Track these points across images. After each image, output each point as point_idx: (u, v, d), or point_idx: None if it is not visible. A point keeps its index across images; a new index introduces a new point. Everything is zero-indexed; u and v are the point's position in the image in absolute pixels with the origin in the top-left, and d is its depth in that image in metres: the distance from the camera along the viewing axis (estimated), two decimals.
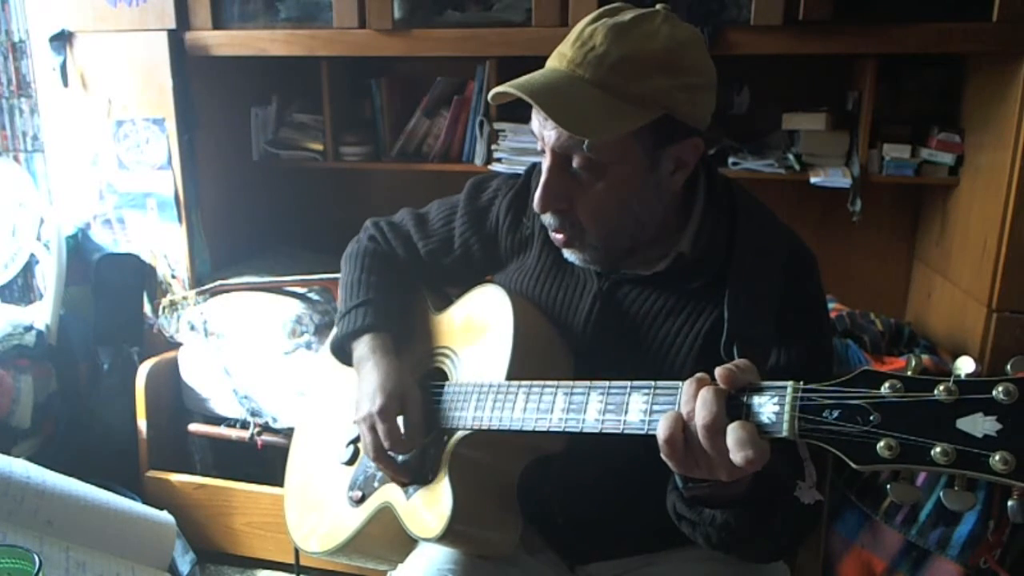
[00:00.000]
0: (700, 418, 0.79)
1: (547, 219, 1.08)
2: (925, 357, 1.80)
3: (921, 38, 1.75)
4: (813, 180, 2.00)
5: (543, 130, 1.02)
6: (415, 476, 1.13)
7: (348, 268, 1.33)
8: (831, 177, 1.99)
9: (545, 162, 1.04)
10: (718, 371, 0.80)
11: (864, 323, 1.96)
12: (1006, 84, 1.73)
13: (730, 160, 2.08)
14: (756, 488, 0.88)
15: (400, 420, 1.14)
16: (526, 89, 0.97)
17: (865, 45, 1.80)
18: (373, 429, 1.14)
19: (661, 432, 0.82)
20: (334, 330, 1.30)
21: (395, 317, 1.27)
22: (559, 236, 1.08)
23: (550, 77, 1.01)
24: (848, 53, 1.88)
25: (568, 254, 1.11)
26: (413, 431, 1.13)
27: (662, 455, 0.83)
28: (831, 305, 2.07)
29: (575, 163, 1.01)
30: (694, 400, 0.80)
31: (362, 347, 1.23)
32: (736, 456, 0.76)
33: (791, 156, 2.07)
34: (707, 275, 1.07)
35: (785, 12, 1.77)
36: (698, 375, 0.83)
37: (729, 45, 1.83)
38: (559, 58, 1.02)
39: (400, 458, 1.15)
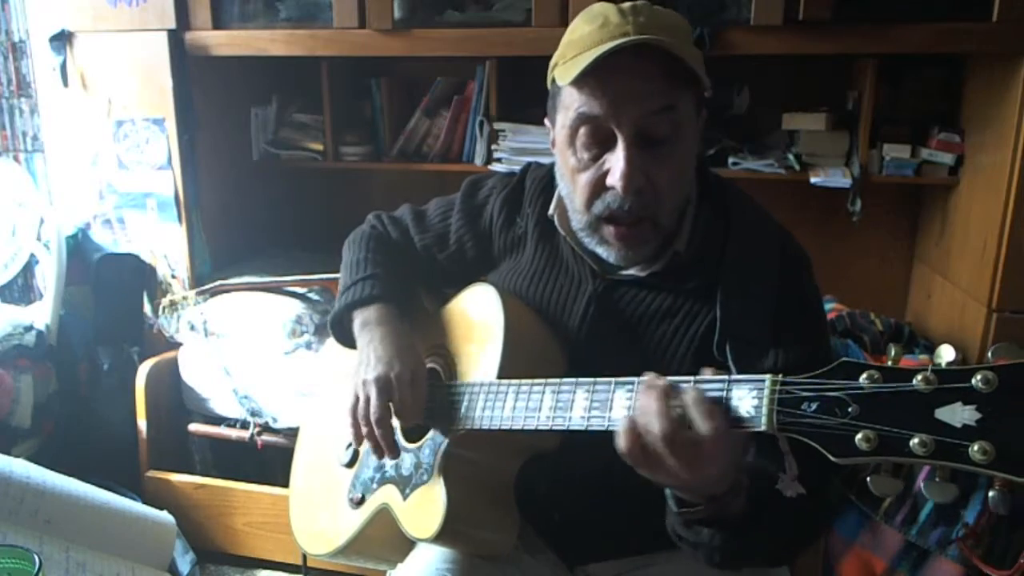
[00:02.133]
0: (654, 431, 0.81)
1: (622, 203, 1.01)
2: (924, 357, 1.80)
3: (921, 38, 1.75)
4: (813, 180, 1.99)
5: (621, 108, 0.98)
6: (405, 475, 1.13)
7: (351, 251, 1.32)
8: (831, 177, 1.99)
9: (623, 142, 0.99)
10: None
11: (864, 323, 1.96)
12: (1006, 84, 1.73)
13: (730, 160, 2.08)
14: (753, 505, 0.88)
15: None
16: (625, 44, 0.95)
17: (865, 45, 1.80)
18: (385, 392, 1.09)
19: (620, 445, 0.84)
20: (336, 304, 1.27)
21: (400, 292, 1.26)
22: (626, 227, 1.04)
23: (626, 41, 0.95)
24: (848, 53, 1.88)
25: (618, 251, 1.06)
26: (419, 404, 1.11)
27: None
28: (831, 305, 2.07)
29: (661, 131, 0.99)
30: (647, 414, 0.82)
31: (369, 314, 1.20)
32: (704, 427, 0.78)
33: (791, 156, 2.07)
34: (702, 275, 1.07)
35: (785, 12, 1.77)
36: (647, 378, 0.85)
37: (729, 45, 1.83)
38: (608, 32, 0.98)
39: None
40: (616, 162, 1.00)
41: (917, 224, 2.25)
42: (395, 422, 1.11)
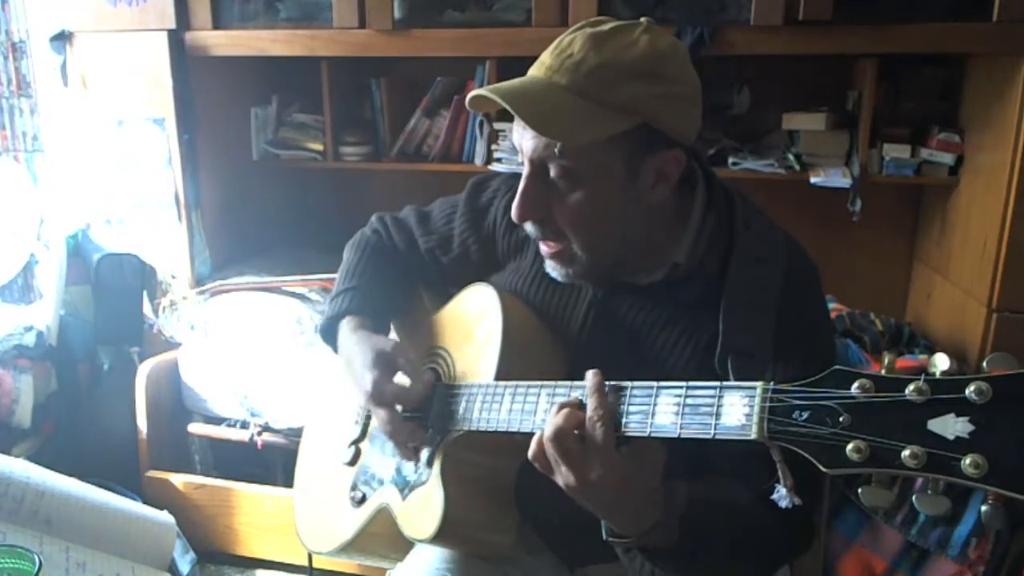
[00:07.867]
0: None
1: (529, 228, 1.06)
2: (923, 357, 1.80)
3: (921, 38, 1.75)
4: (813, 180, 1.99)
5: (521, 140, 1.01)
6: (405, 476, 1.13)
7: (348, 256, 1.36)
8: (831, 177, 1.99)
9: (524, 171, 1.03)
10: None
11: (864, 323, 1.95)
12: (1006, 84, 1.73)
13: (730, 160, 2.08)
14: (690, 538, 0.90)
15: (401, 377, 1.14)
16: (501, 93, 0.97)
17: (865, 45, 1.80)
18: (383, 406, 1.12)
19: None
20: (323, 314, 1.32)
21: (377, 306, 1.28)
22: (545, 247, 1.07)
23: (527, 83, 1.00)
24: (848, 53, 1.88)
25: (551, 268, 1.09)
26: (416, 386, 1.12)
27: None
28: (831, 305, 2.06)
29: (552, 172, 1.00)
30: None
31: (343, 329, 1.24)
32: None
33: (791, 156, 2.07)
34: (704, 288, 1.05)
35: (785, 12, 1.77)
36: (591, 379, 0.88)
37: (729, 45, 1.83)
38: (539, 66, 1.01)
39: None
40: (519, 188, 1.03)
41: (917, 224, 2.25)
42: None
